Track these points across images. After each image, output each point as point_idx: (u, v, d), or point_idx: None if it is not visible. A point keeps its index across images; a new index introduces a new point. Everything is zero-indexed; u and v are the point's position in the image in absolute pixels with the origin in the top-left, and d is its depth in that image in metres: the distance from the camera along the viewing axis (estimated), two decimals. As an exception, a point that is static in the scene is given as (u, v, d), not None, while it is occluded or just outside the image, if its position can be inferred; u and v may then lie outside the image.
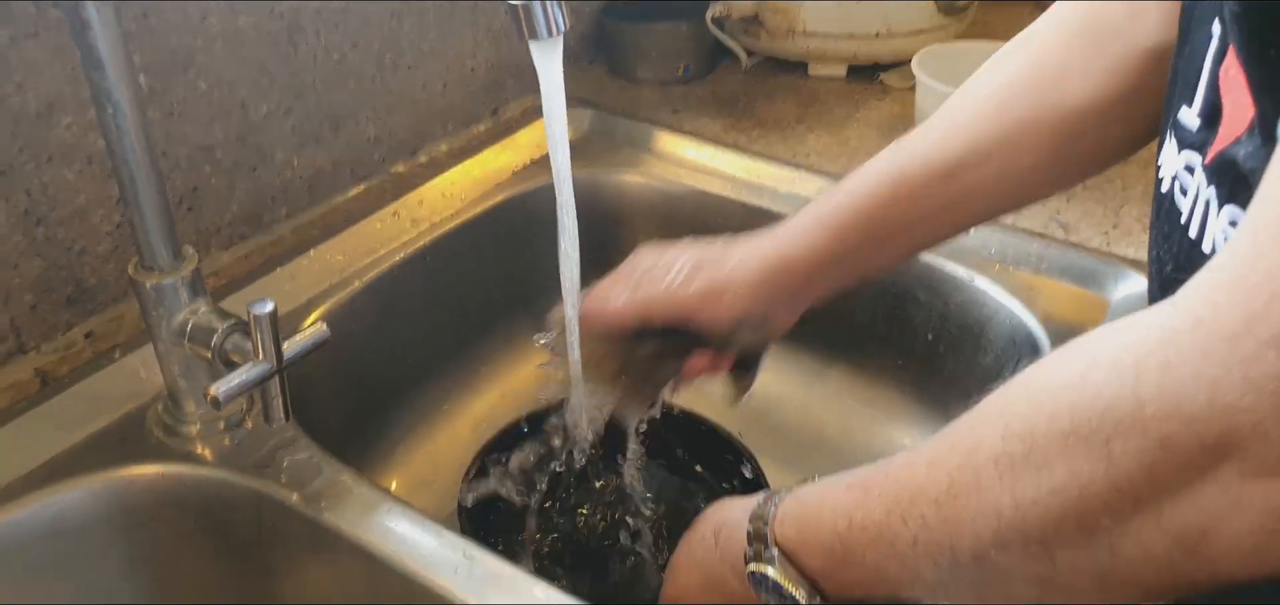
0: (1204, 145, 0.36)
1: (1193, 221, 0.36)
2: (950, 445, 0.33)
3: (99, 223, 0.58)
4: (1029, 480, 0.30)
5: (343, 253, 0.67)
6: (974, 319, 0.66)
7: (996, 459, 0.31)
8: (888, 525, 0.35)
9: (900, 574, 0.35)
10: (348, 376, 0.65)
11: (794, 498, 0.40)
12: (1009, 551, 0.31)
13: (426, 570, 0.45)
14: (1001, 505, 0.30)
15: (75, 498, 0.50)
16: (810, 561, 0.38)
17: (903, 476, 0.35)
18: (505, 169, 0.78)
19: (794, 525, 0.39)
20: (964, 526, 0.32)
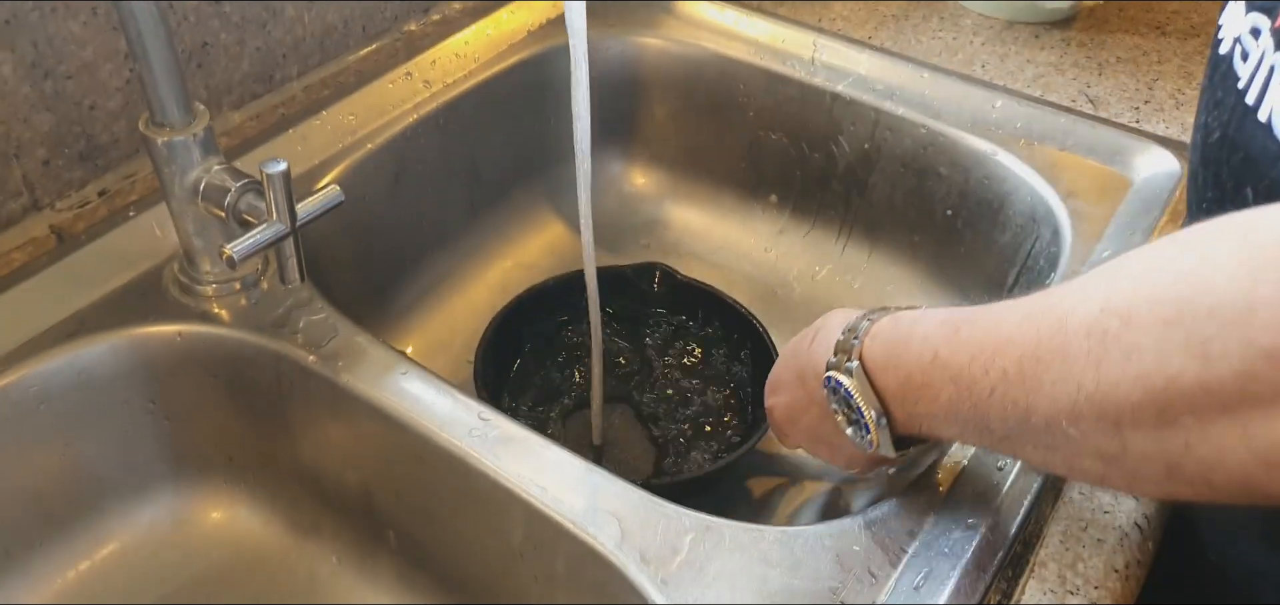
0: (1273, 10, 0.34)
1: (1252, 88, 0.35)
2: (1047, 305, 0.32)
3: (108, 77, 0.58)
4: (1116, 359, 0.29)
5: (354, 113, 0.66)
6: (994, 194, 0.64)
7: (1089, 330, 0.30)
8: (969, 369, 0.34)
9: (971, 418, 0.35)
10: (361, 240, 0.65)
11: (891, 319, 0.40)
12: (1080, 425, 0.30)
13: (442, 430, 0.46)
14: (1084, 378, 0.30)
15: (99, 352, 0.51)
16: (887, 382, 0.39)
17: (992, 325, 0.34)
18: (521, 28, 0.76)
19: (883, 343, 0.39)
20: (1042, 390, 0.31)
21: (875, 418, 0.39)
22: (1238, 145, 0.35)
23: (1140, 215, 0.57)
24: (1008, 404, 0.33)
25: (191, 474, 0.56)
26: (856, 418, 0.40)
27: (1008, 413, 0.33)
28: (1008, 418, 0.33)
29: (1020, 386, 0.32)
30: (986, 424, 0.34)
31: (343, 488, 0.53)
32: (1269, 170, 0.33)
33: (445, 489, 0.47)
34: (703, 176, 0.79)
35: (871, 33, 0.74)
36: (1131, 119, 0.64)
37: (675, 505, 0.42)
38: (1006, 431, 0.34)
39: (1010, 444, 0.35)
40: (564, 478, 0.44)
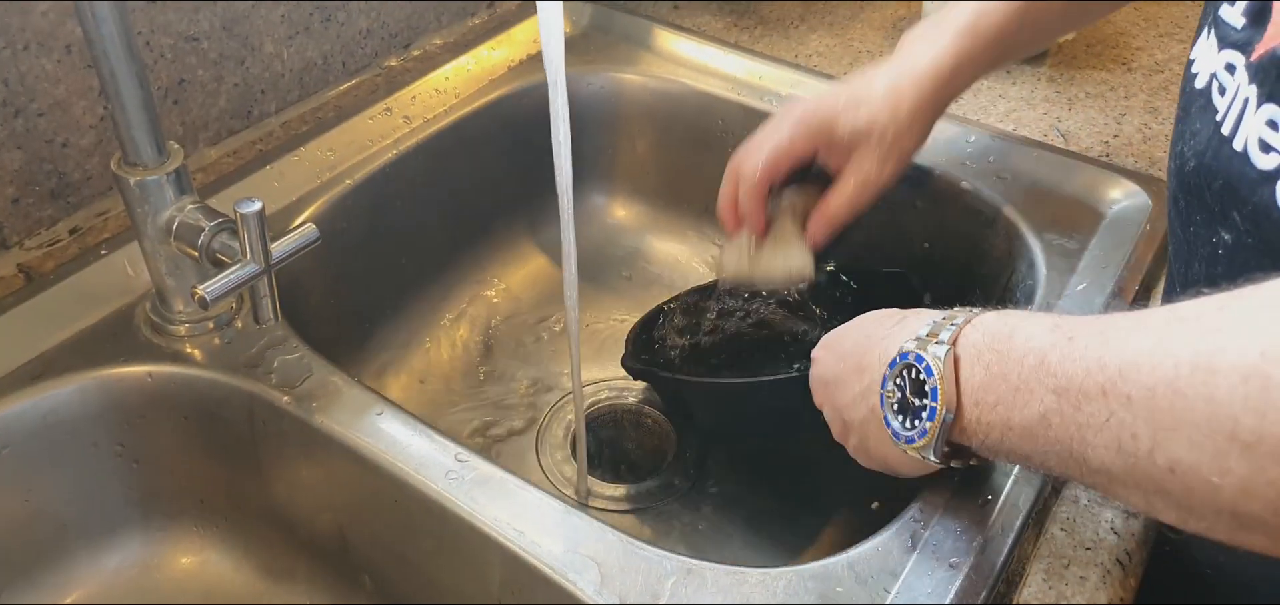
0: (1248, 44, 0.35)
1: (1228, 119, 0.35)
2: (1186, 336, 0.28)
3: (81, 115, 0.57)
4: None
5: (333, 149, 0.66)
6: (971, 228, 0.65)
7: (1246, 375, 0.26)
8: (1081, 385, 0.30)
9: (1065, 441, 0.31)
10: (339, 276, 0.65)
11: (998, 314, 0.36)
12: (1228, 477, 0.26)
13: (418, 473, 0.45)
14: (1240, 427, 0.26)
15: (66, 395, 0.50)
16: (974, 376, 0.34)
17: (1117, 341, 0.30)
18: (501, 64, 0.76)
19: (983, 332, 0.35)
20: (1178, 431, 0.27)
21: (944, 412, 0.34)
22: (1216, 173, 0.36)
23: (1113, 247, 0.58)
24: (1126, 436, 0.29)
25: (160, 518, 0.55)
26: (916, 404, 0.36)
27: (1123, 446, 0.29)
28: (1120, 452, 0.29)
29: (1148, 421, 0.28)
30: (1084, 453, 0.30)
31: (317, 531, 0.52)
32: (1250, 195, 0.34)
33: (421, 532, 0.46)
34: (684, 209, 0.79)
35: (846, 68, 0.75)
36: (1101, 153, 0.65)
37: (656, 548, 0.42)
38: (1108, 466, 0.30)
39: (1106, 481, 0.31)
40: (543, 521, 0.43)
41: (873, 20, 0.82)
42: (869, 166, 0.54)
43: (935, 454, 0.36)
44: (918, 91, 0.52)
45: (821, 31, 0.80)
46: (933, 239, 0.68)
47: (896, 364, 0.37)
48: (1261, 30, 0.34)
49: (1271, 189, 0.33)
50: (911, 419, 0.37)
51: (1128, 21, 0.80)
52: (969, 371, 0.35)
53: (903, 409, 0.37)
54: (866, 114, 0.52)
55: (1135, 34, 0.78)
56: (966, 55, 0.52)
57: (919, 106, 0.52)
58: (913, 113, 0.52)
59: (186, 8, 0.60)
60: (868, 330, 0.42)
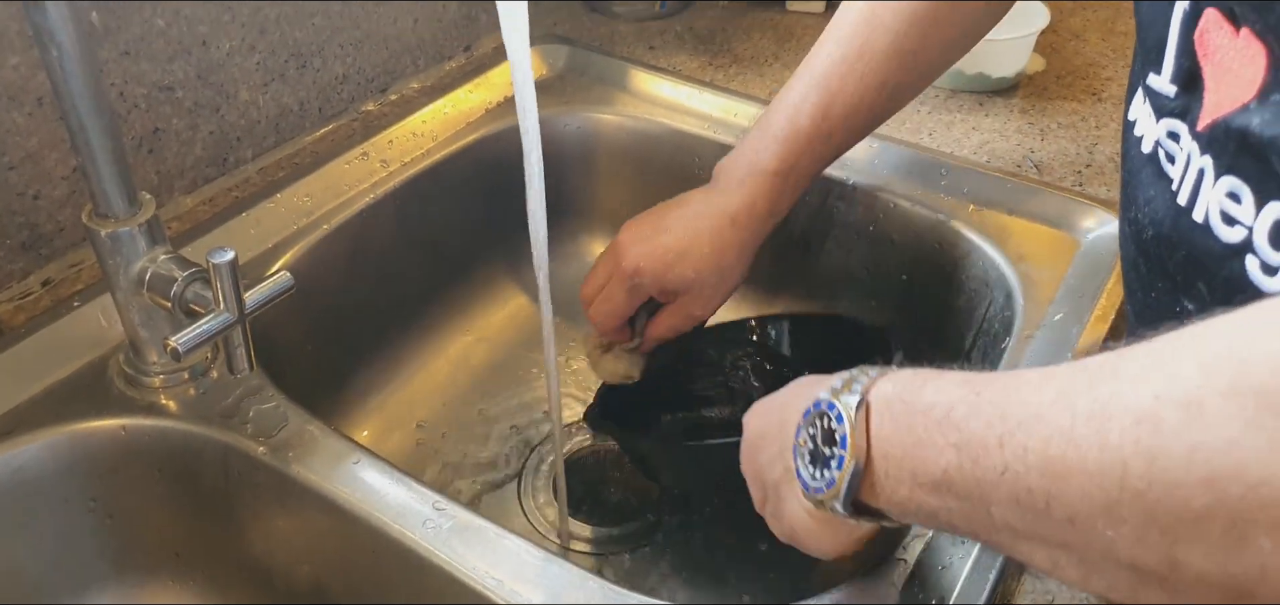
0: (1187, 112, 0.35)
1: (1183, 189, 0.35)
2: (1087, 382, 0.27)
3: (53, 167, 0.57)
4: (1177, 456, 0.24)
5: (310, 195, 0.66)
6: (948, 260, 0.65)
7: (1139, 417, 0.25)
8: (981, 437, 0.30)
9: (969, 495, 0.30)
10: (317, 323, 0.64)
11: (915, 371, 0.35)
12: (1121, 529, 0.25)
13: (396, 522, 0.45)
14: (1130, 472, 0.25)
15: (35, 451, 0.49)
16: (884, 428, 0.34)
17: (1020, 394, 0.29)
18: (478, 107, 0.76)
19: (896, 383, 0.34)
20: (1070, 479, 0.26)
21: (853, 461, 0.34)
22: (1177, 243, 0.35)
23: (1089, 277, 0.58)
24: (1021, 490, 0.28)
25: (135, 573, 0.54)
26: (828, 453, 0.35)
27: (1020, 500, 0.28)
28: (1019, 505, 0.28)
29: (1042, 472, 0.27)
30: (988, 508, 0.30)
31: (294, 583, 0.51)
32: (1219, 268, 0.33)
33: (399, 583, 0.46)
34: (662, 247, 0.79)
35: (823, 104, 0.76)
36: (1074, 182, 0.66)
37: (638, 595, 0.41)
38: (1011, 522, 0.29)
39: (1011, 538, 0.30)
40: (522, 569, 0.43)
41: (847, 56, 0.83)
42: (696, 308, 0.58)
43: (843, 506, 0.35)
44: (739, 238, 0.57)
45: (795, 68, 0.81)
46: (909, 272, 0.68)
47: (810, 413, 0.37)
48: (1197, 98, 0.34)
49: (1241, 262, 0.32)
50: (821, 469, 0.36)
51: (1098, 52, 0.81)
52: (878, 421, 0.34)
53: (814, 460, 0.36)
54: (692, 268, 0.56)
55: (1105, 65, 0.80)
56: (784, 178, 0.56)
57: (743, 249, 0.57)
58: (738, 257, 0.57)
59: (161, 58, 0.60)
60: (793, 391, 0.41)
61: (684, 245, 0.56)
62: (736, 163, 0.58)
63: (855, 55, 0.54)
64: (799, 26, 0.88)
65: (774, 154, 0.56)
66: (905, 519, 0.35)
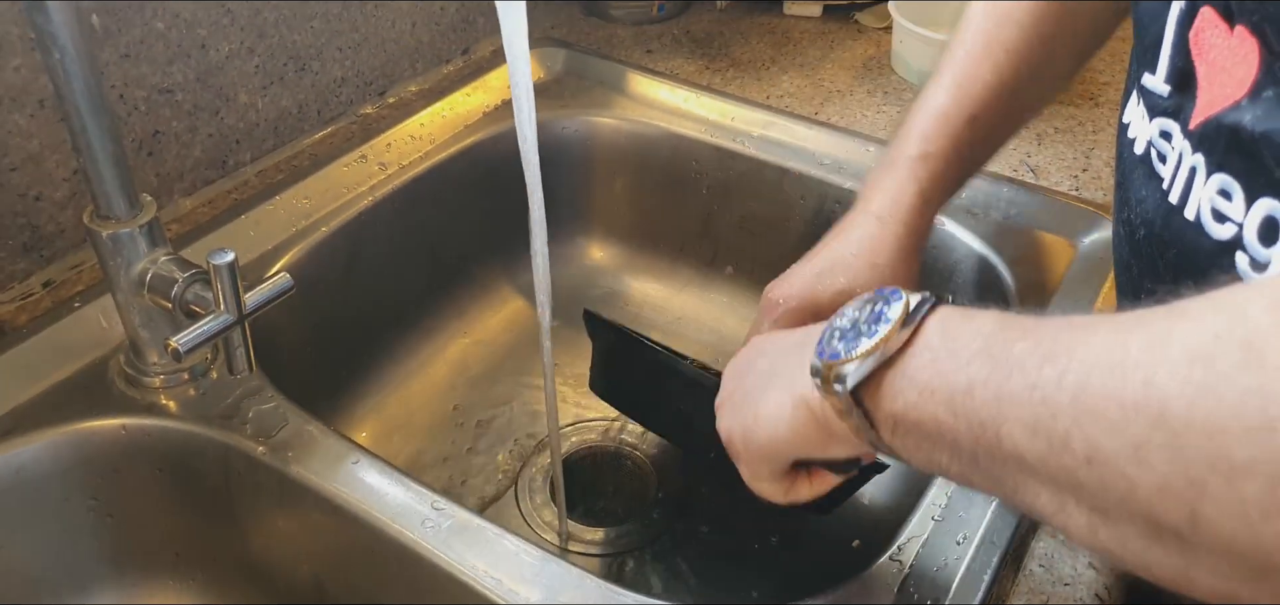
0: (1180, 111, 0.35)
1: (1174, 188, 0.35)
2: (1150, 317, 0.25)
3: (55, 168, 0.57)
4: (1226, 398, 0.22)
5: (308, 197, 0.66)
6: (944, 263, 0.66)
7: (1194, 357, 0.23)
8: (1021, 361, 0.28)
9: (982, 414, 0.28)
10: (316, 324, 0.65)
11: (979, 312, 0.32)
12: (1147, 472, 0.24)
13: (394, 522, 0.45)
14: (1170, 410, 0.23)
15: (37, 450, 0.49)
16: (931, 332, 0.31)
17: (1083, 323, 0.27)
18: (476, 110, 0.77)
19: (960, 313, 0.32)
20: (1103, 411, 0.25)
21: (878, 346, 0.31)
22: (1168, 242, 0.35)
23: (1085, 281, 0.59)
24: (1045, 414, 0.26)
25: (135, 572, 0.54)
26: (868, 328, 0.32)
27: (1039, 424, 0.26)
28: (1036, 430, 0.26)
29: (1074, 398, 0.26)
30: (998, 430, 0.28)
31: (294, 582, 0.52)
32: (1210, 266, 0.33)
33: (398, 582, 0.46)
34: (660, 249, 0.80)
35: (818, 109, 0.76)
36: (1071, 187, 0.66)
37: (635, 594, 0.42)
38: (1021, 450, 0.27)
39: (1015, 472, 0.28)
40: (521, 569, 0.43)
41: (842, 60, 0.83)
42: None
43: (850, 381, 0.32)
44: (890, 234, 0.51)
45: (793, 73, 0.81)
46: (907, 274, 0.69)
47: (864, 298, 0.34)
48: (1191, 96, 0.34)
49: (1231, 259, 0.32)
50: (850, 340, 0.33)
51: (1095, 58, 0.82)
52: (930, 327, 0.32)
53: (843, 336, 0.33)
54: (843, 278, 0.51)
55: (1102, 69, 0.80)
56: (928, 161, 0.52)
57: (897, 245, 0.51)
58: (893, 255, 0.51)
59: (160, 61, 0.61)
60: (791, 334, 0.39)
61: (828, 261, 0.51)
62: (880, 167, 0.54)
63: (989, 39, 0.51)
64: (796, 30, 0.88)
65: (915, 139, 0.52)
66: (894, 436, 0.32)
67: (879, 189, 0.52)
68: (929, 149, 0.51)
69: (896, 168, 0.52)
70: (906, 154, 0.51)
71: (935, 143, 0.51)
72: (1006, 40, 0.51)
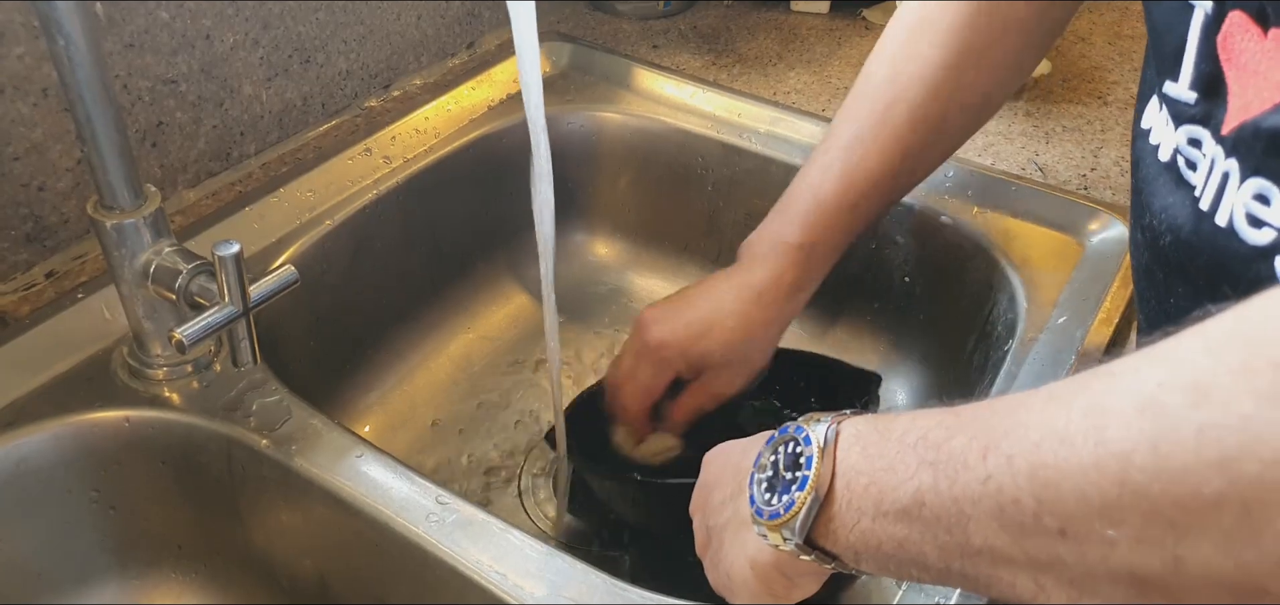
0: (1209, 118, 0.34)
1: (1206, 194, 0.34)
2: (1081, 384, 0.26)
3: (58, 158, 0.57)
4: (1186, 439, 0.22)
5: (313, 190, 0.66)
6: (951, 262, 0.65)
7: (1142, 406, 0.23)
8: (961, 453, 0.27)
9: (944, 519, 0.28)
10: (320, 318, 0.64)
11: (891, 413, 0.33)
12: (1123, 528, 0.23)
13: (398, 516, 0.45)
14: (1133, 463, 0.23)
15: (39, 442, 0.49)
16: (851, 457, 0.32)
17: (1006, 407, 0.27)
18: (481, 104, 0.76)
19: (867, 421, 0.33)
20: (1066, 480, 0.24)
21: (814, 487, 0.32)
22: (1198, 249, 0.35)
23: (1093, 281, 0.58)
24: (1007, 502, 0.26)
25: (138, 565, 0.54)
26: (789, 477, 0.33)
27: (1005, 513, 0.26)
28: (1003, 521, 0.26)
29: (1031, 478, 0.25)
30: (965, 532, 0.27)
31: (297, 576, 0.51)
32: (1244, 272, 0.32)
33: (402, 577, 0.46)
34: (665, 246, 0.79)
35: (825, 105, 0.76)
36: (1079, 186, 0.66)
37: (640, 590, 0.41)
38: (992, 544, 0.27)
39: (989, 565, 0.27)
40: (525, 563, 0.43)
41: (850, 57, 0.83)
42: (721, 385, 0.56)
43: (800, 535, 0.33)
44: (765, 314, 0.55)
45: (800, 69, 0.81)
46: (912, 273, 0.68)
47: (774, 439, 0.36)
48: (1220, 103, 0.33)
49: (1269, 265, 0.31)
50: (779, 494, 0.34)
51: (1103, 56, 0.82)
52: (846, 449, 0.32)
53: (772, 487, 0.34)
54: (718, 343, 0.55)
55: (1110, 68, 0.80)
56: (809, 251, 0.55)
57: (769, 325, 0.56)
58: (764, 332, 0.55)
59: (164, 51, 0.60)
60: (759, 437, 0.39)
61: (708, 320, 0.54)
62: (761, 238, 0.56)
63: (878, 120, 0.53)
64: (803, 27, 0.88)
65: (798, 227, 0.54)
66: (859, 562, 0.32)
67: (759, 263, 0.55)
68: (809, 238, 0.54)
69: (777, 250, 0.55)
70: (786, 240, 0.55)
71: (816, 232, 0.54)
72: (897, 124, 0.53)
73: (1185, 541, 0.23)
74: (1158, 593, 0.24)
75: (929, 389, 0.67)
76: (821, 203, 0.54)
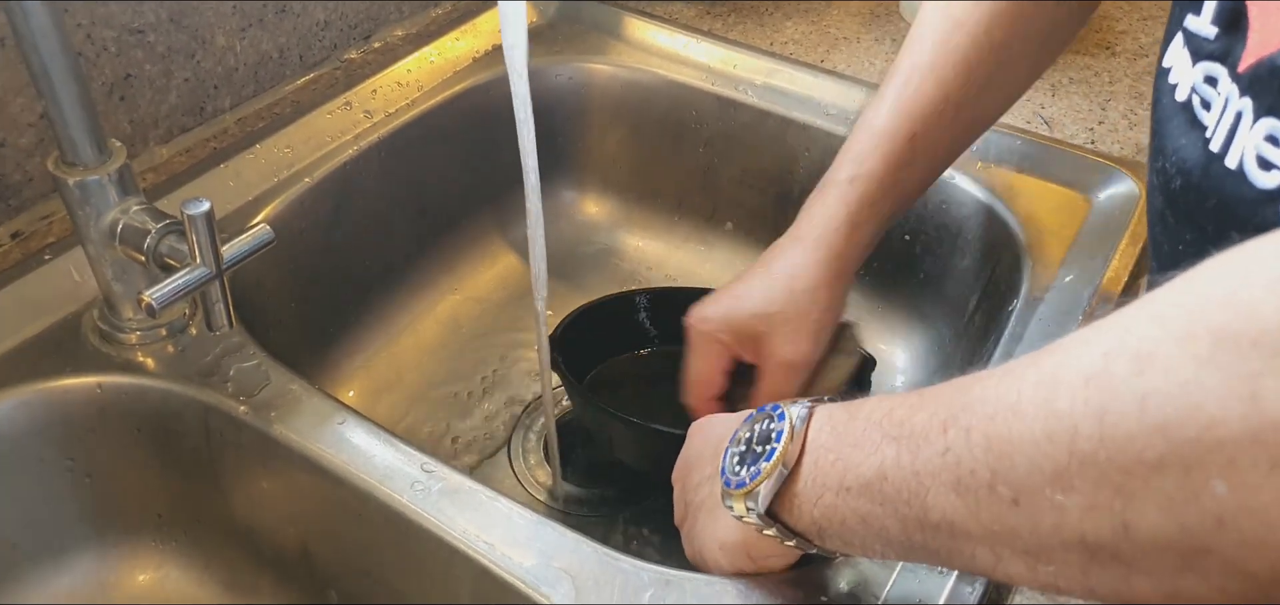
0: (1228, 54, 0.33)
1: (1217, 134, 0.33)
2: (1033, 360, 0.27)
3: (19, 112, 0.54)
4: (1128, 406, 0.23)
5: (290, 146, 0.63)
6: (952, 219, 0.64)
7: (1088, 377, 0.24)
8: (923, 427, 0.29)
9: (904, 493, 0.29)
10: (300, 280, 0.62)
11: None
12: (1072, 495, 0.24)
13: (382, 484, 0.43)
14: (1079, 432, 0.24)
15: (8, 409, 0.47)
16: (820, 435, 0.33)
17: (967, 385, 0.29)
18: (465, 56, 0.74)
19: (842, 406, 0.34)
20: (1019, 450, 0.26)
21: (780, 461, 0.33)
22: (1207, 192, 0.34)
23: (1101, 238, 0.57)
24: (964, 473, 0.27)
25: (116, 535, 0.52)
26: (759, 450, 0.34)
27: (962, 484, 0.27)
28: (960, 492, 0.27)
29: (986, 449, 0.27)
30: (924, 505, 0.28)
31: (280, 545, 0.50)
32: (1251, 216, 0.32)
33: (387, 546, 0.44)
34: (657, 204, 0.77)
35: (823, 56, 0.73)
36: (1087, 140, 0.64)
37: (632, 559, 0.40)
38: (949, 516, 0.28)
39: (948, 539, 0.28)
40: (514, 532, 0.41)
41: (850, 6, 0.80)
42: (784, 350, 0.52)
43: (760, 505, 0.34)
44: (813, 259, 0.51)
45: (797, 18, 0.78)
46: (912, 233, 0.66)
47: (753, 416, 0.37)
48: (1240, 38, 0.32)
49: (1275, 209, 0.31)
50: (748, 465, 0.35)
51: (1111, 5, 0.79)
52: (817, 428, 0.34)
53: (743, 460, 0.36)
54: (762, 300, 0.51)
55: (1119, 17, 0.77)
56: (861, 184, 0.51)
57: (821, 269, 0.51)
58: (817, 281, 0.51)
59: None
60: (737, 417, 0.40)
61: (750, 283, 0.52)
62: (814, 191, 0.53)
63: (936, 48, 0.50)
64: (799, -24, 0.85)
65: (847, 161, 0.51)
66: (824, 539, 0.34)
67: (808, 215, 0.52)
68: (860, 170, 0.50)
69: (826, 192, 0.51)
70: (837, 177, 0.51)
71: (867, 163, 0.50)
72: (955, 50, 0.50)
73: (1132, 506, 0.24)
74: (1109, 559, 0.25)
75: (931, 350, 0.66)
76: (873, 132, 0.50)
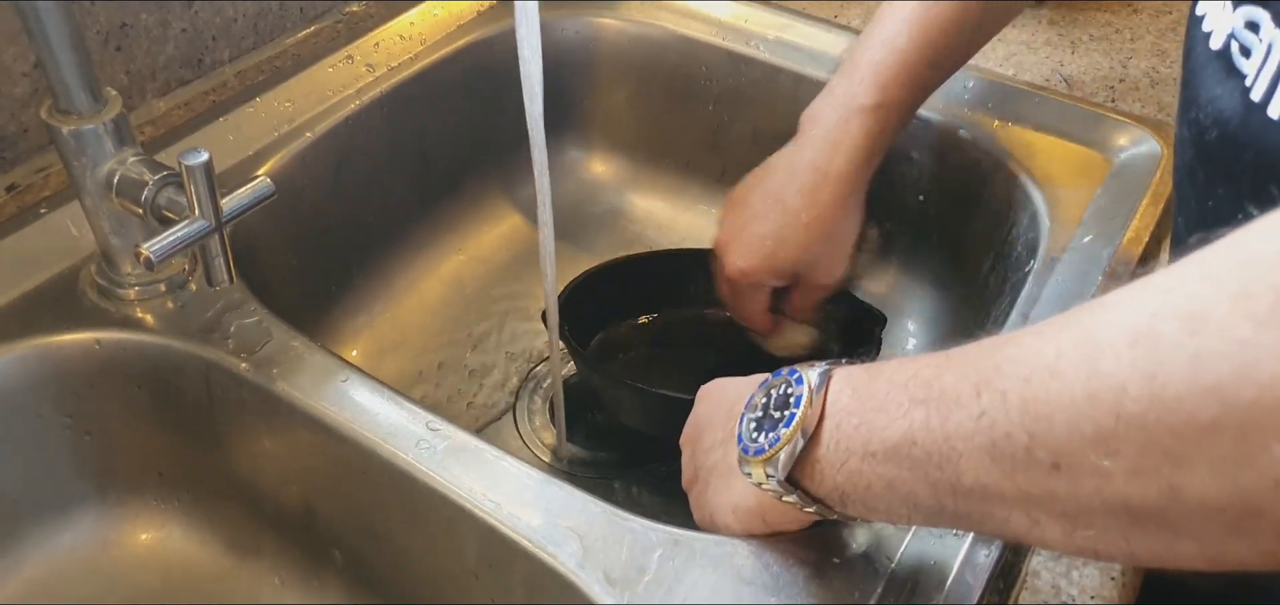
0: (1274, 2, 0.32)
1: (1258, 84, 0.32)
2: (1073, 318, 0.25)
3: (13, 62, 0.53)
4: (1179, 367, 0.22)
5: (291, 100, 0.62)
6: (969, 179, 0.62)
7: (1135, 337, 0.23)
8: (953, 388, 0.27)
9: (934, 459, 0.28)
10: (301, 237, 0.61)
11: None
12: (1118, 459, 0.23)
13: (387, 442, 0.42)
14: (1127, 393, 0.23)
15: (5, 365, 0.46)
16: (841, 398, 0.32)
17: (998, 345, 0.27)
18: (469, 9, 0.72)
19: (862, 369, 0.33)
20: (1058, 412, 0.24)
21: (800, 426, 0.32)
22: (1245, 143, 0.33)
23: (1121, 198, 0.55)
24: (999, 436, 0.26)
25: (117, 493, 0.52)
26: (777, 416, 0.33)
27: (997, 448, 0.26)
28: (995, 457, 0.26)
29: (1023, 411, 0.25)
30: (957, 470, 0.27)
31: (283, 504, 0.49)
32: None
33: (392, 505, 0.44)
34: (665, 164, 0.76)
35: (837, 11, 0.72)
36: (1107, 98, 0.62)
37: (641, 519, 0.39)
38: (984, 481, 0.27)
39: (981, 503, 0.27)
40: (521, 491, 0.40)
41: (863, -38, 0.78)
42: (821, 278, 0.55)
43: (780, 471, 0.32)
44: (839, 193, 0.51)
45: (809, -27, 0.76)
46: (926, 192, 0.65)
47: (768, 381, 0.35)
48: None
49: None
50: (766, 431, 0.33)
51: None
52: (837, 391, 0.32)
53: (760, 425, 0.34)
54: (795, 250, 0.52)
55: (1136, -26, 0.75)
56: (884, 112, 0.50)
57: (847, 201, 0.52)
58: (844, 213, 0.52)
59: (128, -55, 0.56)
60: (754, 378, 0.38)
61: (780, 232, 0.51)
62: (826, 106, 0.51)
63: None
64: (812, -70, 0.83)
65: (871, 86, 0.49)
66: (846, 505, 0.32)
67: (826, 136, 0.50)
68: (885, 98, 0.49)
69: (850, 119, 0.49)
70: (859, 103, 0.49)
71: (891, 91, 0.49)
72: None
73: (1181, 470, 0.23)
74: (1154, 523, 0.24)
75: (943, 313, 0.65)
76: (899, 54, 0.49)
